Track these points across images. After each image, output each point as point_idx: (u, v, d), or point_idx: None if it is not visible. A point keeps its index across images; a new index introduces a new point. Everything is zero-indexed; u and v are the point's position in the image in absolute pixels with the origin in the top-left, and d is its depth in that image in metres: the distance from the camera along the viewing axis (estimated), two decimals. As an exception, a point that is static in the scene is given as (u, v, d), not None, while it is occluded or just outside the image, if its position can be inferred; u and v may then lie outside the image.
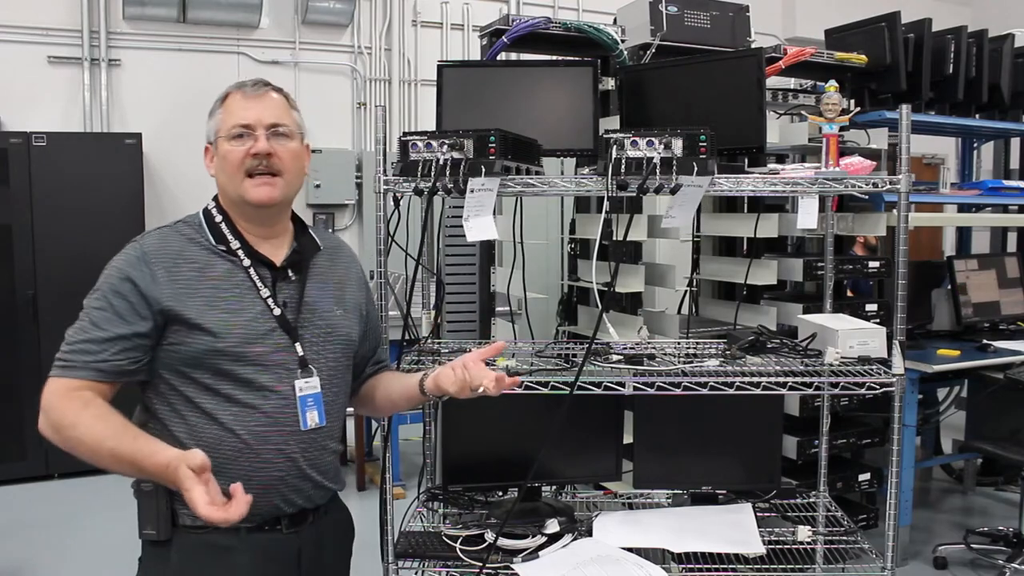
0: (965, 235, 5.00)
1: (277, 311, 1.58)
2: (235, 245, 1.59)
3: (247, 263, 1.59)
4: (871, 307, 3.46)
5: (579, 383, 1.90)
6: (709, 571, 2.04)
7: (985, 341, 3.86)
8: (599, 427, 2.30)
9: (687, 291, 3.51)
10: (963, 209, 4.42)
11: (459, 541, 2.05)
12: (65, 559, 3.75)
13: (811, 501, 2.41)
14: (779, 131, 3.44)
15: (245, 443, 1.53)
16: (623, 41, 3.08)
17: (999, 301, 4.28)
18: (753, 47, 3.18)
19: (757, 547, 2.06)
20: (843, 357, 2.09)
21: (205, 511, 1.32)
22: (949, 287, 4.16)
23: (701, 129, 1.88)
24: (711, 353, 2.21)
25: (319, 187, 5.88)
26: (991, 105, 4.18)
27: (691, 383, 1.92)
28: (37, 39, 5.33)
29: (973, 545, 3.75)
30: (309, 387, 1.59)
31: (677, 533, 2.12)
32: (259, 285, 1.58)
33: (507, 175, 1.94)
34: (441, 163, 1.90)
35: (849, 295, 4.36)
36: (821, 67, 3.57)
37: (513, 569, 1.97)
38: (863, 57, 3.61)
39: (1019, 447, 3.56)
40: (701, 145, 1.88)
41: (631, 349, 2.24)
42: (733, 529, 2.15)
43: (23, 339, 4.78)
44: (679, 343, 2.38)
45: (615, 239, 2.90)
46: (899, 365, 1.97)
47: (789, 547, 2.19)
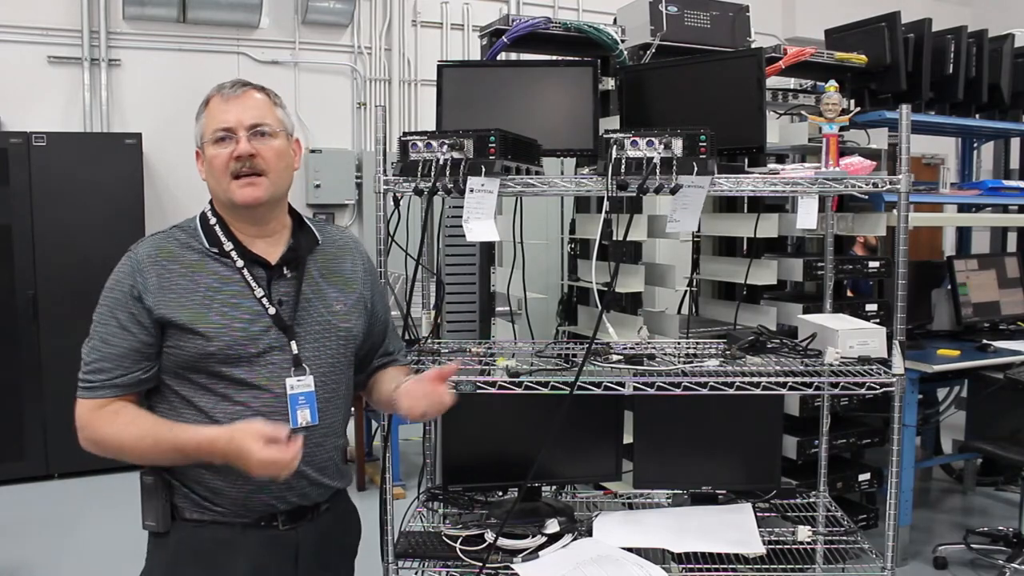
0: (965, 235, 5.00)
1: (272, 310, 1.58)
2: (228, 247, 1.60)
3: (240, 264, 1.59)
4: (871, 307, 3.46)
5: (579, 383, 1.90)
6: (709, 571, 2.04)
7: (985, 341, 3.86)
8: (599, 427, 2.30)
9: (687, 291, 3.51)
10: (963, 209, 4.42)
11: (459, 541, 2.05)
12: (65, 559, 3.75)
13: (811, 501, 2.41)
14: (779, 131, 3.44)
15: None
16: (623, 41, 3.08)
17: (999, 301, 4.28)
18: (753, 47, 3.18)
19: (757, 547, 2.06)
20: (843, 357, 2.09)
21: (264, 454, 1.42)
22: (949, 287, 4.16)
23: (701, 129, 1.88)
24: (711, 353, 2.21)
25: (319, 187, 5.88)
26: (991, 105, 4.18)
27: (691, 383, 1.92)
28: (37, 39, 5.33)
29: (973, 545, 3.74)
30: (301, 385, 1.59)
31: (677, 533, 2.12)
32: (253, 285, 1.59)
33: (507, 175, 1.94)
34: (441, 163, 1.90)
35: (849, 295, 4.36)
36: (821, 67, 3.57)
37: (513, 569, 1.97)
38: (863, 57, 3.61)
39: (1019, 447, 3.56)
40: (701, 145, 1.88)
41: (631, 349, 2.24)
42: (733, 529, 2.15)
43: (23, 339, 4.78)
44: (679, 343, 2.38)
45: (615, 239, 2.90)
46: (899, 365, 1.97)
47: (789, 547, 2.19)
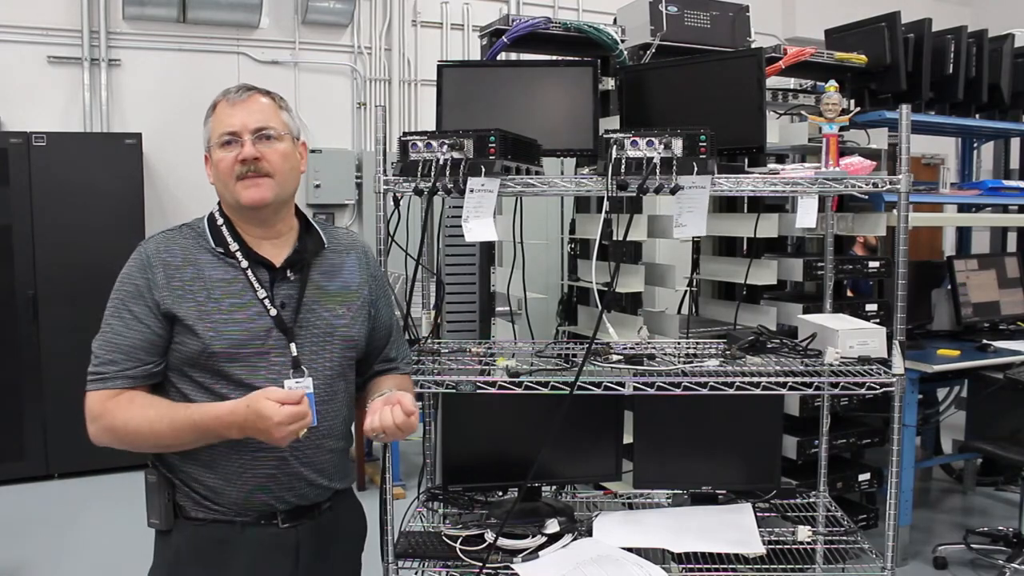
0: (965, 235, 5.00)
1: (273, 312, 1.60)
2: (234, 247, 1.62)
3: (245, 265, 1.61)
4: (871, 307, 3.46)
5: (579, 383, 1.90)
6: (709, 571, 2.04)
7: (985, 341, 3.86)
8: (599, 427, 2.30)
9: (687, 291, 3.51)
10: (963, 209, 4.42)
11: (459, 541, 2.05)
12: (65, 559, 3.74)
13: (811, 501, 2.41)
14: (779, 131, 3.44)
15: (237, 440, 1.54)
16: (623, 41, 3.08)
17: (999, 301, 4.28)
18: (753, 47, 3.18)
19: (757, 547, 2.06)
20: (843, 357, 2.09)
21: (282, 413, 1.43)
22: (949, 287, 4.16)
23: (701, 129, 1.88)
24: (711, 353, 2.21)
25: (319, 187, 5.87)
26: (991, 105, 4.18)
27: (691, 383, 1.93)
28: (37, 39, 5.33)
29: (973, 545, 3.74)
30: (300, 387, 1.59)
31: (677, 533, 2.12)
32: (256, 286, 1.60)
33: (507, 175, 1.94)
34: (441, 163, 1.90)
35: (849, 295, 4.36)
36: (821, 67, 3.57)
37: (513, 569, 1.97)
38: (863, 57, 3.61)
39: (1019, 447, 3.56)
40: (701, 145, 1.88)
41: (631, 349, 2.24)
42: (733, 529, 2.15)
43: (23, 339, 4.77)
44: (679, 343, 2.38)
45: (615, 239, 2.90)
46: (899, 365, 1.97)
47: (789, 547, 2.19)
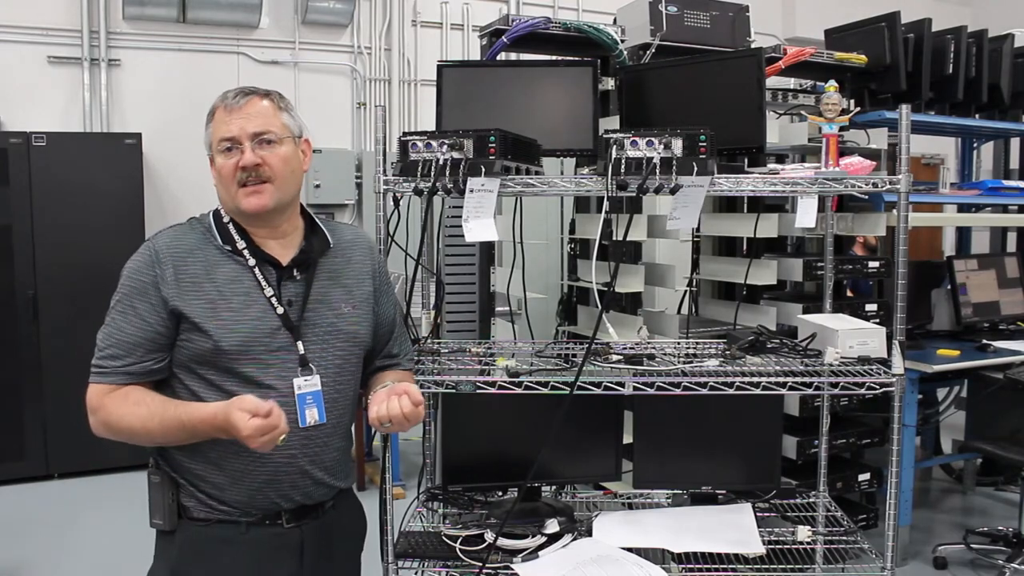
0: (965, 235, 5.00)
1: (280, 310, 1.61)
2: (241, 245, 1.62)
3: (252, 263, 1.62)
4: (871, 307, 3.46)
5: (579, 383, 1.90)
6: (709, 571, 2.04)
7: (985, 341, 3.86)
8: (599, 427, 2.30)
9: (687, 291, 3.51)
10: (963, 209, 4.42)
11: (459, 541, 2.05)
12: (65, 559, 3.74)
13: (811, 501, 2.41)
14: (779, 131, 3.44)
15: None
16: (623, 41, 3.08)
17: (999, 301, 4.28)
18: (753, 47, 3.18)
19: (757, 547, 2.06)
20: (843, 357, 2.09)
21: (250, 427, 1.41)
22: (949, 287, 4.16)
23: (701, 129, 1.88)
24: (711, 353, 2.21)
25: (319, 187, 5.87)
26: (991, 105, 4.18)
27: (691, 383, 1.92)
28: (37, 39, 5.32)
29: (973, 545, 3.74)
30: (308, 385, 1.61)
31: (677, 533, 2.12)
32: (263, 284, 1.61)
33: (507, 175, 1.94)
34: (441, 163, 1.90)
35: (849, 295, 4.36)
36: (821, 67, 3.57)
37: (513, 569, 1.97)
38: (863, 57, 3.61)
39: (1019, 447, 3.56)
40: (701, 145, 1.88)
41: (631, 349, 2.24)
42: (733, 529, 2.15)
43: (23, 339, 4.77)
44: (679, 343, 2.38)
45: (615, 239, 2.90)
46: (899, 365, 1.97)
47: (789, 547, 2.19)
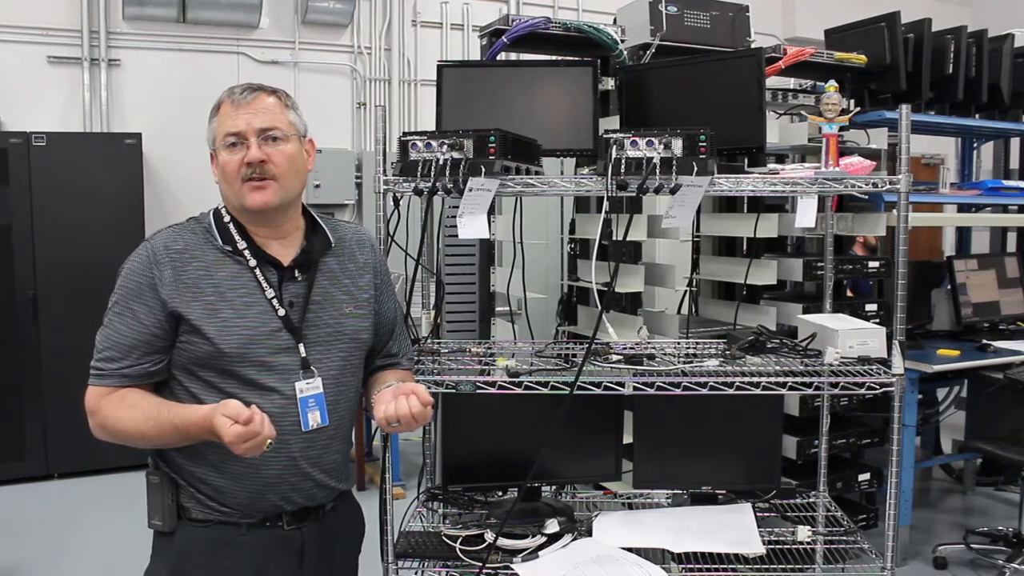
0: (965, 235, 5.00)
1: (281, 312, 1.59)
2: (242, 246, 1.61)
3: (253, 264, 1.60)
4: (871, 307, 3.46)
5: (579, 383, 1.90)
6: (709, 571, 2.04)
7: (985, 341, 3.86)
8: (599, 427, 2.30)
9: (687, 291, 3.51)
10: (963, 209, 4.42)
11: (459, 541, 2.05)
12: (65, 559, 3.75)
13: (811, 501, 2.41)
14: (779, 131, 3.44)
15: None
16: (623, 41, 3.08)
17: (999, 301, 4.28)
18: (753, 47, 3.18)
19: (757, 547, 2.06)
20: (843, 357, 2.09)
21: (231, 433, 1.39)
22: (949, 287, 4.16)
23: (701, 129, 1.88)
24: (711, 353, 2.21)
25: (319, 187, 5.87)
26: (991, 105, 4.18)
27: (691, 383, 1.92)
28: (37, 39, 5.32)
29: (973, 545, 3.74)
30: (311, 388, 1.60)
31: (677, 533, 2.12)
32: (264, 286, 1.59)
33: (507, 175, 1.94)
34: (441, 163, 1.90)
35: (849, 295, 4.36)
36: (821, 67, 3.57)
37: (513, 569, 1.97)
38: (863, 57, 3.61)
39: (1019, 447, 3.56)
40: (701, 145, 1.88)
41: (631, 349, 2.24)
42: (733, 529, 2.15)
43: (23, 339, 4.76)
44: (679, 343, 2.38)
45: (615, 239, 2.90)
46: (899, 365, 1.97)
47: (789, 547, 2.19)
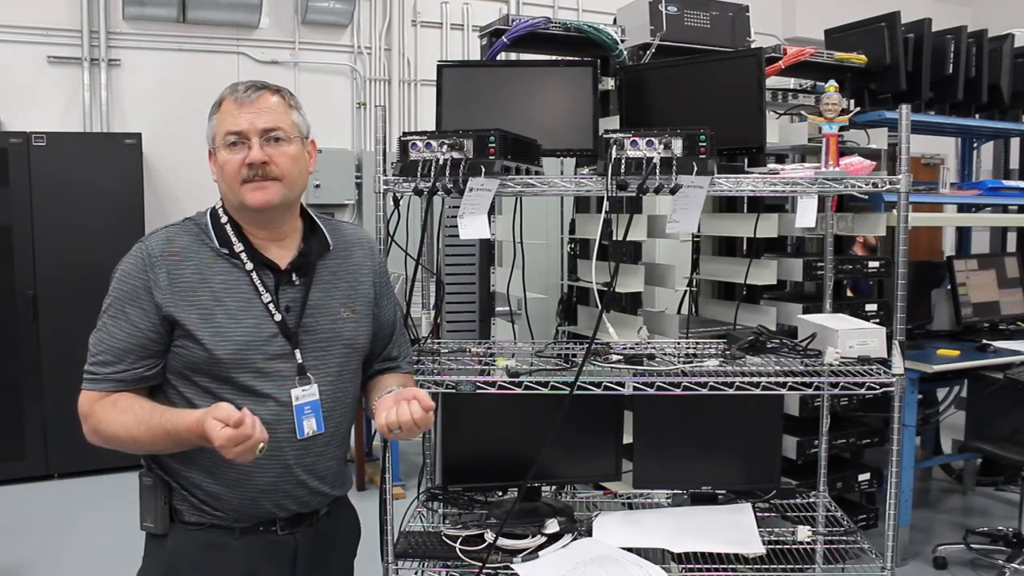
0: (965, 235, 5.00)
1: (278, 317, 1.56)
2: (238, 248, 1.58)
3: (250, 267, 1.57)
4: (871, 307, 3.46)
5: (579, 383, 1.90)
6: (709, 571, 2.04)
7: (985, 341, 3.86)
8: (599, 427, 2.30)
9: (687, 291, 3.51)
10: (963, 209, 4.42)
11: (459, 541, 2.05)
12: (65, 559, 3.75)
13: (811, 501, 2.41)
14: (779, 131, 3.44)
15: None
16: (623, 41, 3.08)
17: (999, 301, 4.28)
18: (753, 47, 3.18)
19: (757, 547, 2.06)
20: (843, 357, 2.09)
21: (221, 437, 1.36)
22: (949, 287, 4.16)
23: (701, 129, 1.88)
24: (711, 353, 2.21)
25: (319, 187, 5.88)
26: (991, 105, 4.17)
27: (691, 383, 1.92)
28: (37, 39, 5.33)
29: (973, 545, 3.74)
30: (307, 395, 1.57)
31: (677, 533, 2.12)
32: (261, 290, 1.56)
33: (507, 175, 1.94)
34: (441, 163, 1.90)
35: (849, 295, 4.36)
36: (821, 67, 3.57)
37: (513, 569, 1.97)
38: (863, 57, 3.61)
39: (1019, 447, 3.56)
40: (701, 145, 1.88)
41: (631, 349, 2.24)
42: (733, 529, 2.15)
43: (23, 339, 4.77)
44: (679, 343, 2.38)
45: (615, 239, 2.90)
46: (899, 365, 1.97)
47: (789, 547, 2.19)
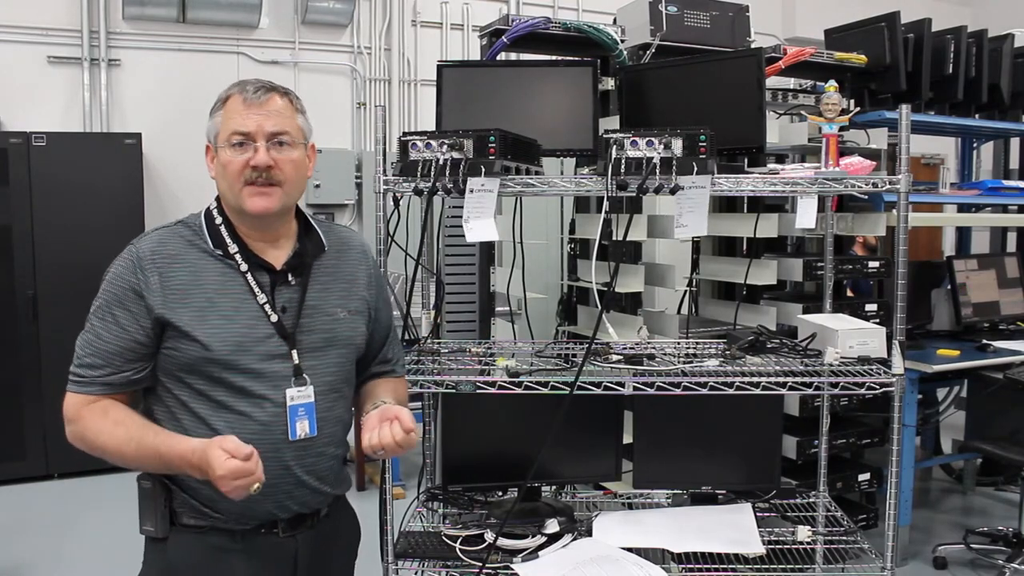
0: (965, 235, 5.00)
1: (274, 317, 1.55)
2: (233, 249, 1.56)
3: (244, 268, 1.56)
4: (871, 307, 3.46)
5: (579, 383, 1.90)
6: (709, 571, 2.04)
7: (985, 341, 3.86)
8: (599, 427, 2.30)
9: (687, 291, 3.51)
10: (963, 209, 4.42)
11: (459, 541, 2.05)
12: (65, 559, 3.75)
13: (811, 501, 2.41)
14: (779, 131, 3.44)
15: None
16: (623, 41, 3.08)
17: (999, 301, 4.28)
18: (753, 47, 3.18)
19: (757, 547, 2.07)
20: (843, 357, 2.09)
21: (226, 467, 1.37)
22: (949, 287, 4.16)
23: (701, 129, 1.88)
24: (711, 353, 2.21)
25: (319, 187, 5.88)
26: (991, 105, 4.17)
27: (691, 383, 1.93)
28: (37, 39, 5.33)
29: (973, 545, 3.74)
30: (301, 396, 1.56)
31: (677, 533, 2.12)
32: (256, 291, 1.55)
33: (507, 175, 1.94)
34: (441, 163, 1.90)
35: (849, 295, 4.36)
36: (821, 67, 3.57)
37: (513, 569, 1.97)
38: (863, 57, 3.61)
39: (1019, 447, 3.56)
40: (701, 145, 1.88)
41: (631, 349, 2.24)
42: (733, 529, 2.15)
43: (23, 339, 4.78)
44: (679, 343, 2.38)
45: (615, 239, 2.90)
46: (899, 365, 1.97)
47: (789, 547, 2.19)
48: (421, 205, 2.11)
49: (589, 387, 1.92)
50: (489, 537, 2.04)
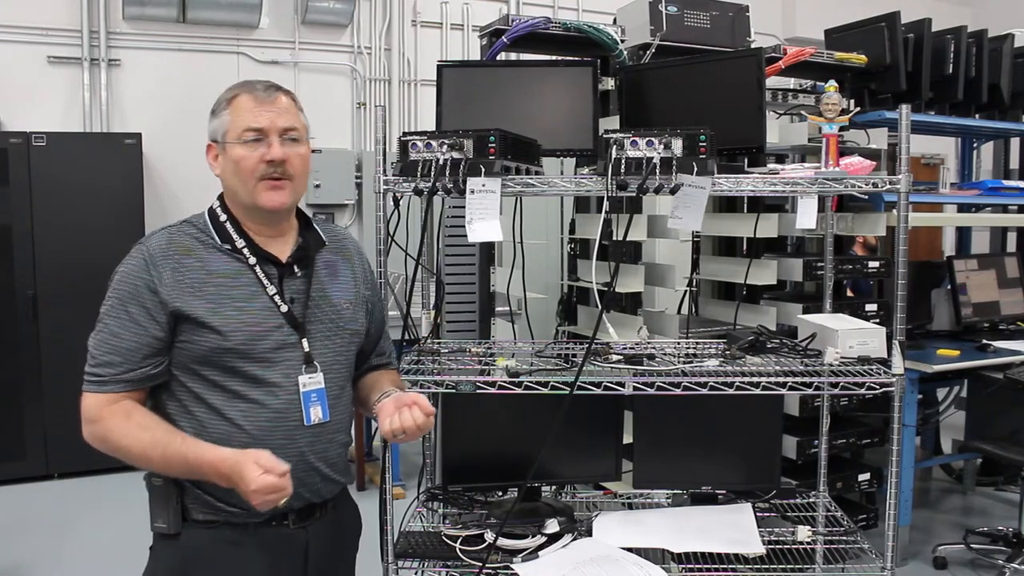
0: (965, 235, 5.00)
1: (284, 307, 1.60)
2: (240, 244, 1.61)
3: (252, 261, 1.60)
4: (871, 307, 3.46)
5: (579, 383, 1.90)
6: (709, 571, 2.04)
7: (985, 341, 3.87)
8: (599, 427, 2.30)
9: (687, 291, 3.51)
10: (963, 209, 4.42)
11: (459, 541, 2.05)
12: (65, 559, 3.75)
13: (811, 501, 2.41)
14: (779, 131, 3.44)
15: (253, 438, 1.55)
16: (623, 41, 3.08)
17: (999, 301, 4.28)
18: (753, 47, 3.18)
19: (757, 547, 2.07)
20: (843, 357, 2.09)
21: (260, 481, 1.41)
22: (949, 287, 4.16)
23: (701, 129, 1.88)
24: (711, 353, 2.21)
25: (319, 187, 5.88)
26: (991, 105, 4.18)
27: (691, 383, 1.92)
28: (37, 39, 5.33)
29: (973, 545, 3.74)
30: (313, 383, 1.61)
31: (677, 533, 2.12)
32: (265, 282, 1.60)
33: (507, 175, 1.94)
34: (441, 163, 1.90)
35: (849, 295, 4.36)
36: (821, 67, 3.57)
37: (513, 569, 1.97)
38: (863, 57, 3.61)
39: (1019, 447, 3.56)
40: (701, 145, 1.88)
41: (631, 349, 2.24)
42: (733, 529, 2.15)
43: (23, 339, 4.78)
44: (679, 343, 2.38)
45: (615, 239, 2.90)
46: (899, 365, 1.97)
47: (789, 547, 2.19)
48: (421, 205, 2.11)
49: (589, 387, 1.92)
50: (489, 537, 2.04)
